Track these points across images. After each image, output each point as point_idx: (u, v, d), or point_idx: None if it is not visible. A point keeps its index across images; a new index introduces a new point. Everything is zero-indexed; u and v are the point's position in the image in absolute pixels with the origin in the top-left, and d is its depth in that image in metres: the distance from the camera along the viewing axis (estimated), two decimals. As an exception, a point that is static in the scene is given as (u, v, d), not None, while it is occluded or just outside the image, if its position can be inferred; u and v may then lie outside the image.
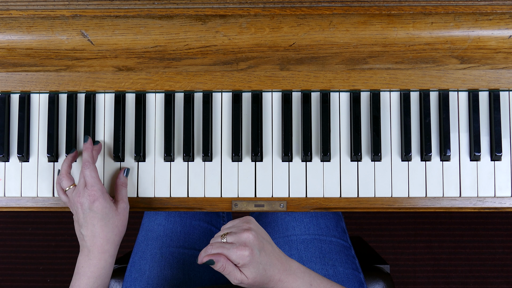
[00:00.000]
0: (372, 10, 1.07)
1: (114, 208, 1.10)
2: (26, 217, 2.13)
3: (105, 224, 1.08)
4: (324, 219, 1.28)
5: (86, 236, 1.08)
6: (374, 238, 2.11)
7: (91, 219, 1.07)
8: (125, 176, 1.15)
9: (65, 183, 1.11)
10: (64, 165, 1.13)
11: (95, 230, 1.07)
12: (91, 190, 1.08)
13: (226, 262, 0.93)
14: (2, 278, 2.13)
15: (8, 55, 1.14)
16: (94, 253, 1.07)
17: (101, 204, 1.08)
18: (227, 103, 1.17)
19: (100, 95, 1.18)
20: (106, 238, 1.08)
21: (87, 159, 1.11)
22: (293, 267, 0.98)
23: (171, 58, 1.14)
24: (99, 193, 1.08)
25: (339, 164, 1.15)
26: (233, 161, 1.16)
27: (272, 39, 1.11)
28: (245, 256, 0.92)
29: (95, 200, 1.07)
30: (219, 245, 0.94)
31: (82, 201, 1.07)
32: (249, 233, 0.94)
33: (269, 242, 0.97)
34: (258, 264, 0.93)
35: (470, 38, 1.10)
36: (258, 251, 0.94)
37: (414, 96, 1.16)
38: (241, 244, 0.93)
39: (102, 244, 1.07)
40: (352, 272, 1.23)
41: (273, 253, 0.96)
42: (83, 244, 1.08)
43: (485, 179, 1.14)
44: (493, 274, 2.09)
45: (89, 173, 1.09)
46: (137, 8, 1.08)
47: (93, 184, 1.08)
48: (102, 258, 1.07)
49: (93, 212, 1.07)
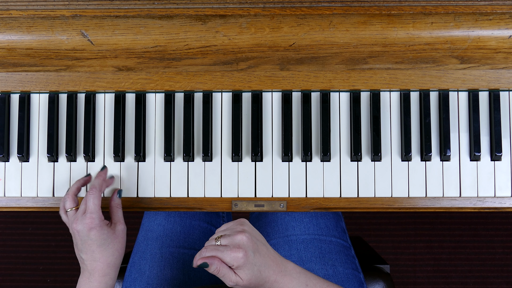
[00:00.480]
0: (372, 10, 1.07)
1: (112, 232, 1.08)
2: (26, 217, 2.13)
3: (104, 250, 1.06)
4: (324, 219, 1.28)
5: (86, 260, 1.06)
6: (374, 238, 2.11)
7: (89, 245, 1.06)
8: (119, 197, 1.13)
9: (69, 204, 1.09)
10: (73, 186, 1.12)
11: (94, 255, 1.06)
12: (89, 218, 1.05)
13: (220, 264, 0.93)
14: (2, 278, 2.13)
15: (8, 55, 1.14)
16: (95, 276, 1.06)
17: (98, 232, 1.05)
18: (227, 103, 1.17)
19: (100, 95, 1.18)
20: (106, 262, 1.06)
21: (95, 186, 1.09)
22: (289, 268, 0.98)
23: (171, 58, 1.14)
24: (96, 221, 1.06)
25: (339, 164, 1.15)
26: (233, 161, 1.16)
27: (272, 39, 1.11)
28: (239, 258, 0.93)
29: (92, 228, 1.05)
30: (213, 248, 0.94)
31: (79, 228, 1.05)
32: (242, 235, 0.94)
33: (263, 244, 0.97)
34: (252, 266, 0.93)
35: (470, 38, 1.10)
36: (252, 252, 0.94)
37: (414, 96, 1.16)
38: (235, 246, 0.93)
39: (102, 268, 1.06)
40: (352, 272, 1.23)
41: (267, 254, 0.96)
42: (84, 268, 1.07)
43: (485, 179, 1.14)
44: (493, 274, 2.09)
45: (92, 200, 1.07)
46: (137, 8, 1.08)
47: (93, 211, 1.06)
48: (103, 281, 1.06)
49: (91, 240, 1.05)
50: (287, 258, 1.22)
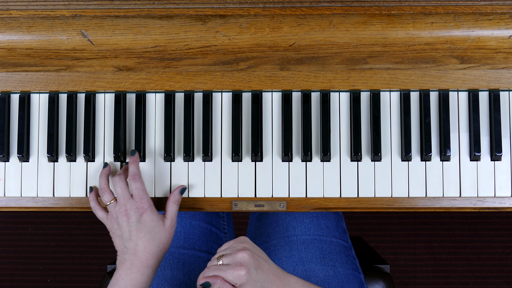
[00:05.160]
0: (372, 10, 1.07)
1: (161, 222, 1.08)
2: (26, 217, 2.13)
3: (151, 238, 1.06)
4: (324, 220, 1.28)
5: (130, 249, 1.06)
6: (374, 238, 2.11)
7: (138, 231, 1.06)
8: (181, 194, 1.13)
9: (107, 197, 1.09)
10: (101, 180, 1.11)
11: (141, 243, 1.06)
12: (140, 203, 1.07)
13: (223, 283, 0.94)
14: (2, 278, 2.13)
15: (8, 55, 1.14)
16: (137, 267, 1.05)
17: (149, 216, 1.06)
18: (227, 103, 1.17)
19: (100, 95, 1.18)
20: (151, 252, 1.06)
21: (135, 172, 1.10)
22: (292, 282, 0.98)
23: (171, 58, 1.14)
24: (147, 205, 1.07)
25: (339, 164, 1.15)
26: (233, 161, 1.16)
27: (272, 39, 1.11)
28: (242, 276, 0.93)
29: (144, 212, 1.06)
30: (215, 268, 0.95)
31: (129, 214, 1.06)
32: (244, 252, 0.95)
33: (265, 260, 0.98)
34: (255, 283, 0.94)
35: (470, 38, 1.10)
36: (254, 269, 0.94)
37: (414, 96, 1.16)
38: (236, 264, 0.94)
39: (147, 259, 1.06)
40: (352, 273, 1.23)
41: (270, 270, 0.97)
42: (125, 258, 1.06)
43: (485, 179, 1.14)
44: (493, 274, 2.09)
45: (138, 185, 1.08)
46: (137, 8, 1.08)
47: (142, 196, 1.07)
48: (144, 272, 1.05)
49: (141, 225, 1.06)
50: (288, 258, 1.22)
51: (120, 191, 1.08)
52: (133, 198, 1.08)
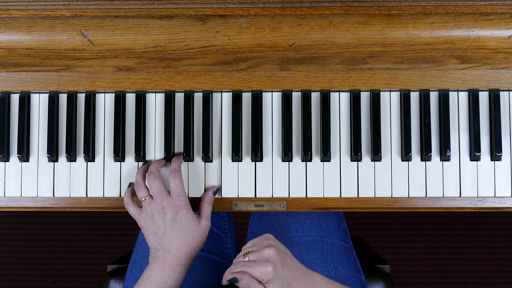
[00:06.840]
0: (372, 10, 1.07)
1: (197, 222, 1.08)
2: (26, 217, 2.13)
3: (186, 237, 1.06)
4: (326, 221, 1.28)
5: (164, 246, 1.06)
6: (374, 238, 2.11)
7: (173, 229, 1.06)
8: (214, 194, 1.14)
9: (143, 193, 1.09)
10: (138, 176, 1.11)
11: (175, 241, 1.06)
12: (177, 200, 1.07)
13: (250, 279, 0.94)
14: (2, 278, 2.13)
15: (8, 55, 1.14)
16: (170, 264, 1.05)
17: (185, 214, 1.06)
18: (227, 103, 1.17)
19: (100, 95, 1.18)
20: (185, 251, 1.06)
21: (176, 169, 1.10)
22: (316, 279, 1.00)
23: (171, 58, 1.14)
24: (184, 203, 1.07)
25: (339, 164, 1.15)
26: (233, 161, 1.16)
27: (272, 39, 1.11)
28: (269, 272, 0.94)
29: (180, 210, 1.06)
30: (242, 264, 0.96)
31: (166, 211, 1.06)
32: (270, 249, 0.96)
33: (290, 257, 0.99)
34: (282, 279, 0.95)
35: (470, 38, 1.10)
36: (280, 266, 0.95)
37: (414, 96, 1.16)
38: (263, 260, 0.95)
39: (180, 257, 1.06)
40: (353, 274, 1.23)
41: (295, 267, 0.98)
42: (158, 255, 1.06)
43: (485, 179, 1.14)
44: (493, 274, 2.09)
45: (177, 182, 1.08)
46: (137, 8, 1.08)
47: (180, 194, 1.08)
48: (177, 270, 1.06)
49: (176, 223, 1.06)
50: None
51: (156, 188, 1.08)
52: (170, 195, 1.08)
